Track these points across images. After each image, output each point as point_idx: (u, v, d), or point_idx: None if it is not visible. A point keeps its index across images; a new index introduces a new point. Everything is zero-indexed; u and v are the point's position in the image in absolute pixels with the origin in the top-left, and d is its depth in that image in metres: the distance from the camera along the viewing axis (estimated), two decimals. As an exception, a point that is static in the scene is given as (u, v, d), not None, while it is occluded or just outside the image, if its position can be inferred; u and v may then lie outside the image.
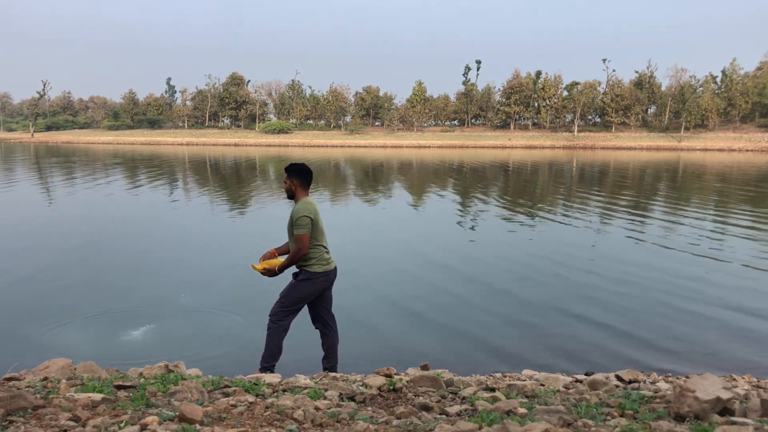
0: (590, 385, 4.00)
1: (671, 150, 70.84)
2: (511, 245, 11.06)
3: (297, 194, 4.49)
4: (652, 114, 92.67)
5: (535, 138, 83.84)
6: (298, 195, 4.49)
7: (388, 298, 7.33)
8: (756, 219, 14.93)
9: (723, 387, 2.92)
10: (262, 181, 26.05)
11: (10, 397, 2.60)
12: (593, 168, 37.80)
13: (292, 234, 4.42)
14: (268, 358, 4.48)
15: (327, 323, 4.69)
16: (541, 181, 27.80)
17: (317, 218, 4.43)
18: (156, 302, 6.95)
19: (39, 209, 15.56)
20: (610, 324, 6.39)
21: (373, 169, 35.75)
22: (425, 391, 3.65)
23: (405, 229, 13.07)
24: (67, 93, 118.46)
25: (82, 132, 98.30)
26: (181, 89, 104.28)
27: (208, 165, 37.20)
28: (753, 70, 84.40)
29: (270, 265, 4.47)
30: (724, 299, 7.35)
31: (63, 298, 7.05)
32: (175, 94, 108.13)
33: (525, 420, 2.85)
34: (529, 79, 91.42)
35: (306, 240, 4.32)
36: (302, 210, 4.33)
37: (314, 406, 3.12)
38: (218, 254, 9.79)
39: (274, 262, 4.49)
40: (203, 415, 2.70)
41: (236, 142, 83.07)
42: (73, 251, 9.86)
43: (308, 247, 4.35)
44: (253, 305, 6.68)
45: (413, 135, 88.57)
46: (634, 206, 17.35)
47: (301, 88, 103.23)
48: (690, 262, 9.59)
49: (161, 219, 14.35)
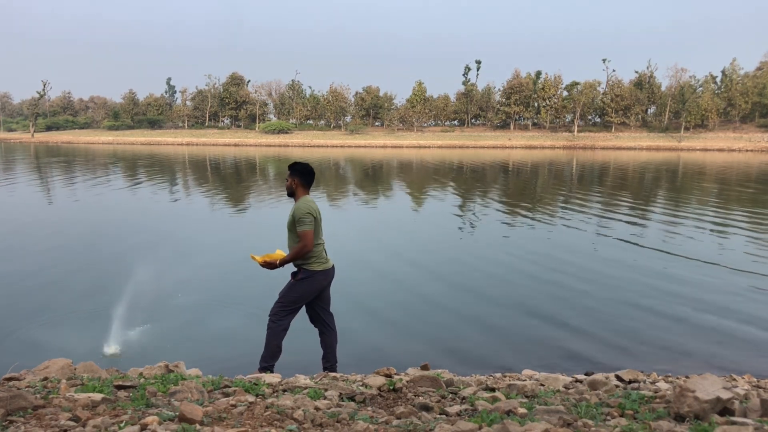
0: (590, 385, 4.00)
1: (671, 150, 70.82)
2: (511, 246, 11.05)
3: (297, 193, 4.52)
4: (652, 114, 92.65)
5: (535, 138, 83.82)
6: (298, 194, 4.51)
7: (388, 298, 7.33)
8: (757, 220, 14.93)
9: (723, 387, 2.92)
10: (262, 181, 26.05)
11: (10, 397, 2.60)
12: (593, 168, 37.78)
13: (291, 231, 4.43)
14: (268, 358, 4.48)
15: (326, 323, 4.70)
16: (541, 181, 27.80)
17: (318, 216, 4.46)
18: (156, 302, 6.95)
19: (39, 209, 15.55)
20: (610, 324, 6.39)
21: (373, 169, 35.74)
22: (425, 391, 3.65)
23: (405, 229, 13.07)
24: (67, 93, 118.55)
25: (82, 132, 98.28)
26: (181, 89, 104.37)
27: (208, 165, 37.19)
28: (753, 70, 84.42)
29: (271, 258, 4.49)
30: (724, 300, 7.35)
31: (63, 299, 7.05)
32: (175, 94, 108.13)
33: (525, 420, 2.85)
34: (529, 79, 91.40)
35: (310, 237, 4.34)
36: (304, 207, 4.36)
37: (314, 406, 3.12)
38: (218, 254, 9.79)
39: (276, 256, 4.50)
40: (203, 415, 2.70)
41: (236, 142, 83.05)
42: (74, 251, 9.86)
43: (312, 243, 4.37)
44: (253, 305, 6.68)
45: (413, 135, 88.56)
46: (635, 207, 17.35)
47: (301, 88, 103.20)
48: (690, 263, 9.58)
49: (161, 219, 14.34)
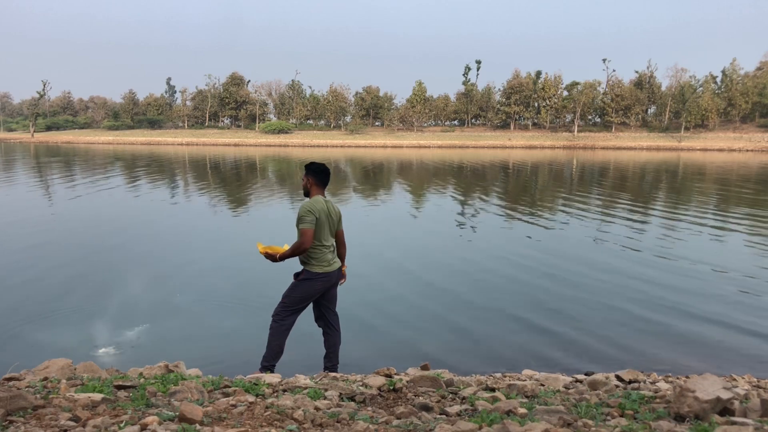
0: (590, 385, 4.00)
1: (671, 150, 70.83)
2: (511, 246, 11.05)
3: (311, 192, 4.55)
4: (652, 114, 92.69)
5: (535, 138, 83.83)
6: (312, 192, 4.55)
7: (388, 297, 7.33)
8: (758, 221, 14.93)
9: (723, 387, 2.92)
10: (263, 180, 26.05)
11: (10, 397, 2.60)
12: (593, 168, 37.78)
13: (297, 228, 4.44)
14: (269, 358, 4.48)
15: (329, 322, 4.70)
16: (541, 181, 27.80)
17: (323, 218, 4.41)
18: (156, 302, 6.95)
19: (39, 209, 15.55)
20: (610, 324, 6.39)
21: (373, 169, 35.75)
22: (425, 391, 3.65)
23: (404, 229, 13.08)
24: (67, 93, 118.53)
25: (82, 132, 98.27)
26: (181, 89, 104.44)
27: (208, 165, 37.19)
28: (753, 70, 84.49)
29: (273, 250, 4.50)
30: (724, 300, 7.35)
31: (63, 298, 7.05)
32: (175, 94, 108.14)
33: (525, 420, 2.85)
34: (529, 79, 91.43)
35: (308, 235, 4.33)
36: (307, 206, 4.37)
37: (314, 406, 3.12)
38: (219, 254, 9.78)
39: (278, 249, 4.51)
40: (203, 415, 2.70)
41: (236, 142, 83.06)
42: (73, 252, 9.86)
43: (310, 242, 4.36)
44: (254, 305, 6.68)
45: (413, 135, 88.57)
46: (635, 207, 17.35)
47: (301, 88, 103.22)
48: (690, 263, 9.58)
49: (161, 218, 14.35)
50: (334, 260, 4.58)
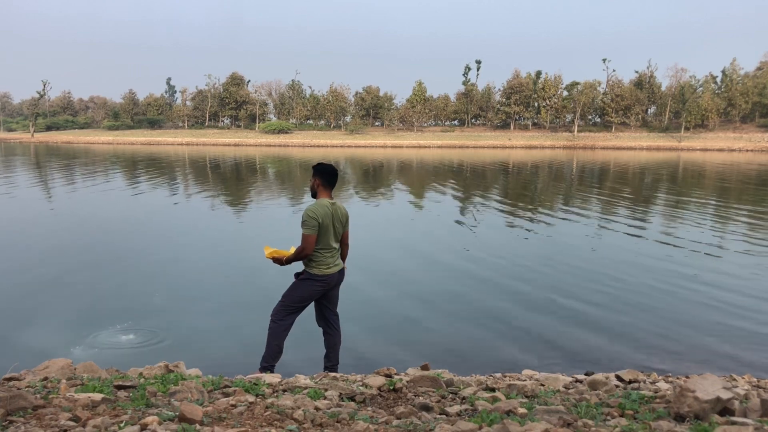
0: (590, 385, 4.00)
1: (671, 150, 70.84)
2: (510, 245, 11.05)
3: (318, 193, 4.49)
4: (652, 114, 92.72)
5: (535, 138, 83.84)
6: (319, 194, 4.49)
7: (388, 297, 7.33)
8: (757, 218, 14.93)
9: (723, 387, 2.92)
10: (262, 181, 26.05)
11: (10, 397, 2.60)
12: (593, 168, 37.78)
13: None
14: (269, 358, 4.47)
15: (330, 323, 4.70)
16: (541, 181, 27.80)
17: (327, 222, 4.36)
18: (156, 302, 6.95)
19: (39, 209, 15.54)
20: (610, 324, 6.39)
21: (372, 169, 35.74)
22: (425, 391, 3.65)
23: (404, 229, 13.07)
24: (67, 93, 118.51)
25: (82, 132, 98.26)
26: (181, 89, 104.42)
27: (208, 165, 37.19)
28: (753, 70, 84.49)
29: (279, 254, 4.49)
30: (724, 299, 7.35)
31: (63, 299, 7.04)
32: (175, 94, 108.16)
33: (525, 420, 2.85)
34: (529, 79, 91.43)
35: (309, 241, 4.31)
36: (311, 211, 4.31)
37: (314, 406, 3.12)
38: (219, 254, 9.78)
39: (284, 252, 4.50)
40: (203, 415, 2.70)
41: (236, 142, 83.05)
42: (73, 252, 9.86)
43: (312, 248, 4.34)
44: (254, 305, 6.68)
45: (413, 135, 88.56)
46: (636, 205, 17.34)
47: (301, 88, 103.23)
48: (688, 262, 9.59)
49: (161, 218, 14.34)
50: (336, 263, 4.55)
